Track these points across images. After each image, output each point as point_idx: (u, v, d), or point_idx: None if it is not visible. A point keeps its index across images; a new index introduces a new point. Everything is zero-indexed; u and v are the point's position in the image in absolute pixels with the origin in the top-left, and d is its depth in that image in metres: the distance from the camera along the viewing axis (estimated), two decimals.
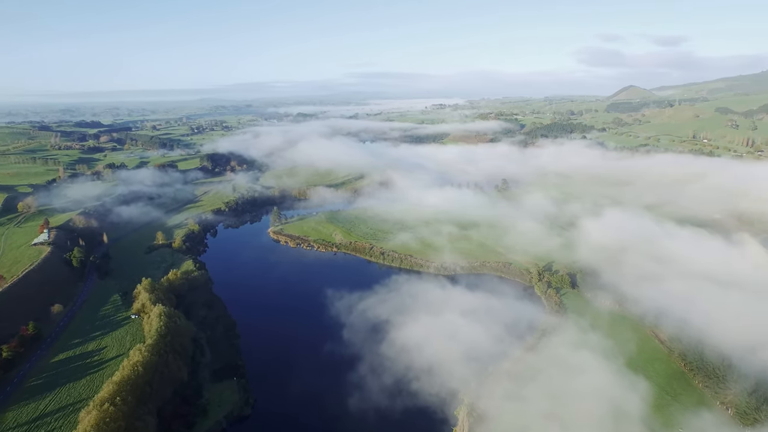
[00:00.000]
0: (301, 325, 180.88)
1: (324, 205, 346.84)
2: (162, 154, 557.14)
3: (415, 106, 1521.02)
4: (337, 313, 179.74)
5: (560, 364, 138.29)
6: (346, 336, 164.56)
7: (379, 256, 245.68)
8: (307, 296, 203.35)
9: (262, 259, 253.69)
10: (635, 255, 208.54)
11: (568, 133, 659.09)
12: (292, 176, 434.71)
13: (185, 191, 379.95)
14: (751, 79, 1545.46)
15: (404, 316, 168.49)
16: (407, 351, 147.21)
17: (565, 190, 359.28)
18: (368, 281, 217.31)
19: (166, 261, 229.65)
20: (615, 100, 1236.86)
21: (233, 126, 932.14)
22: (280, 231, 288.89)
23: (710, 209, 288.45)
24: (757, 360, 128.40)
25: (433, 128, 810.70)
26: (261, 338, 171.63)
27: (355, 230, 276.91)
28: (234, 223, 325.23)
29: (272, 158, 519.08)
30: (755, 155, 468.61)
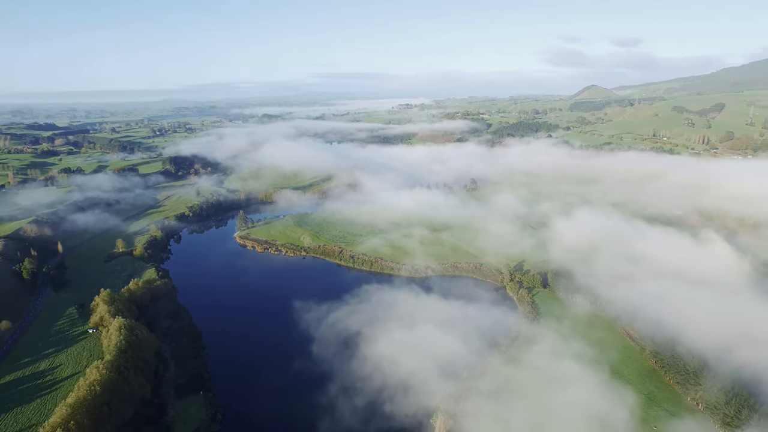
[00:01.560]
0: (270, 333, 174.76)
1: (291, 208, 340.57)
2: (122, 158, 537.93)
3: (381, 106, 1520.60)
4: (307, 321, 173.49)
5: (538, 372, 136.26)
6: (317, 345, 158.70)
7: (349, 260, 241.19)
8: (276, 303, 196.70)
9: (229, 265, 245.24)
10: (606, 254, 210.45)
11: (534, 132, 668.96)
12: (258, 179, 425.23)
13: (147, 196, 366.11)
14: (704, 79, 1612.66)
15: (376, 326, 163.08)
16: (379, 365, 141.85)
17: (534, 189, 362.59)
18: (338, 286, 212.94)
19: (127, 270, 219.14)
20: (578, 100, 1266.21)
21: (197, 128, 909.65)
22: (247, 235, 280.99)
23: (673, 206, 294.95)
24: (732, 359, 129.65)
25: (400, 128, 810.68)
26: (229, 349, 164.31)
27: (323, 233, 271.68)
28: (199, 228, 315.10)
29: (237, 160, 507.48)
30: (711, 153, 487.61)
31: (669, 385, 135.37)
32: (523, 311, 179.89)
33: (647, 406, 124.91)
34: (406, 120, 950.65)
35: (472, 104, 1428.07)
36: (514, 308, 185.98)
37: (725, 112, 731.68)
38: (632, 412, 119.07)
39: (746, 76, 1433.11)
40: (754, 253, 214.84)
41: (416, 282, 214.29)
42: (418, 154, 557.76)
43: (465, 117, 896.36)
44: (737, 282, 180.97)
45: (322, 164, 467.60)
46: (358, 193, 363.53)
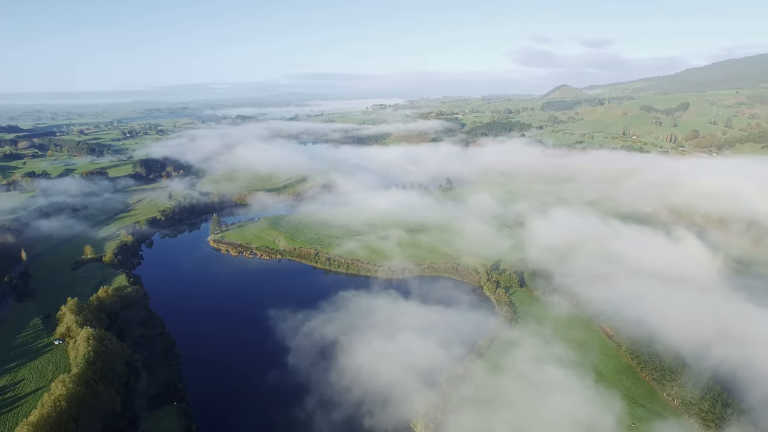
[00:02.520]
0: (246, 339, 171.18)
1: (266, 210, 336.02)
2: (90, 161, 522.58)
3: (356, 106, 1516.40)
4: (284, 328, 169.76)
5: (519, 376, 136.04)
6: (294, 352, 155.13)
7: (325, 262, 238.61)
8: (251, 308, 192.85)
9: (203, 270, 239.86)
10: (582, 253, 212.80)
11: (507, 131, 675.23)
12: (232, 181, 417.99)
13: (116, 200, 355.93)
14: (669, 79, 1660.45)
15: (353, 333, 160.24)
16: (358, 374, 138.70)
17: (510, 189, 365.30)
18: (315, 289, 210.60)
19: (96, 277, 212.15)
20: (549, 99, 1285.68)
21: (169, 129, 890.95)
22: (221, 239, 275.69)
23: (646, 204, 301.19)
24: (708, 356, 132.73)
25: (375, 129, 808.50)
26: (203, 357, 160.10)
27: (299, 236, 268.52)
28: (171, 232, 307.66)
29: (210, 163, 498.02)
30: (678, 151, 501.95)
31: (645, 382, 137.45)
32: (501, 312, 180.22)
33: (628, 406, 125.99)
34: (380, 120, 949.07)
35: (445, 104, 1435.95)
36: (493, 309, 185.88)
37: (690, 111, 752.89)
38: (618, 417, 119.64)
39: (708, 76, 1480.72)
40: (724, 250, 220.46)
41: (394, 284, 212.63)
42: (393, 154, 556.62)
43: (439, 117, 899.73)
44: (710, 279, 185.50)
45: (296, 165, 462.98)
46: (334, 195, 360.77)
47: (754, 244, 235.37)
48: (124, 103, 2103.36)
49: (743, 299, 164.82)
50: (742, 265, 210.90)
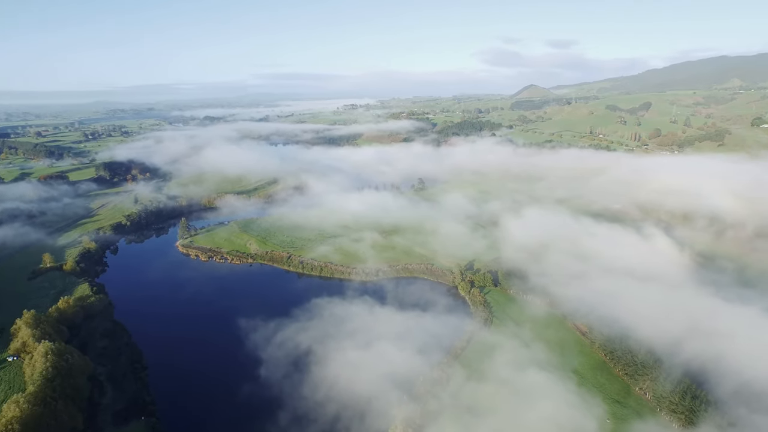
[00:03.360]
0: (218, 348, 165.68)
1: (236, 213, 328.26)
2: (49, 164, 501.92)
3: (327, 107, 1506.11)
4: (256, 335, 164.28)
5: (495, 377, 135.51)
6: (267, 360, 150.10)
7: (298, 266, 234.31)
8: (223, 314, 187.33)
9: (171, 277, 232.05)
10: (556, 252, 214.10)
11: (478, 130, 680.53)
12: (201, 184, 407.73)
13: (78, 205, 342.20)
14: (632, 79, 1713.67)
15: (328, 341, 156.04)
16: (333, 385, 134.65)
17: (482, 188, 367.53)
18: (288, 294, 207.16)
19: (56, 287, 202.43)
20: (518, 99, 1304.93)
21: (134, 131, 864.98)
22: (190, 244, 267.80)
23: (614, 201, 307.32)
24: (680, 352, 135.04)
25: (346, 129, 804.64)
26: (173, 368, 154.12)
27: (271, 239, 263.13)
28: (137, 238, 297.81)
29: (178, 165, 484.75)
30: (643, 149, 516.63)
31: (619, 377, 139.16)
32: (476, 312, 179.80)
33: (609, 407, 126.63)
34: (351, 120, 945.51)
35: (416, 104, 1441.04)
36: (469, 310, 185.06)
37: (652, 111, 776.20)
38: (600, 421, 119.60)
39: (667, 77, 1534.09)
40: (689, 245, 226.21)
41: (368, 287, 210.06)
42: (365, 155, 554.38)
43: (410, 117, 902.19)
44: (679, 275, 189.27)
45: (267, 167, 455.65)
46: (306, 197, 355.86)
47: (716, 239, 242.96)
48: (85, 104, 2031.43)
49: (711, 294, 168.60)
50: (706, 259, 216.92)
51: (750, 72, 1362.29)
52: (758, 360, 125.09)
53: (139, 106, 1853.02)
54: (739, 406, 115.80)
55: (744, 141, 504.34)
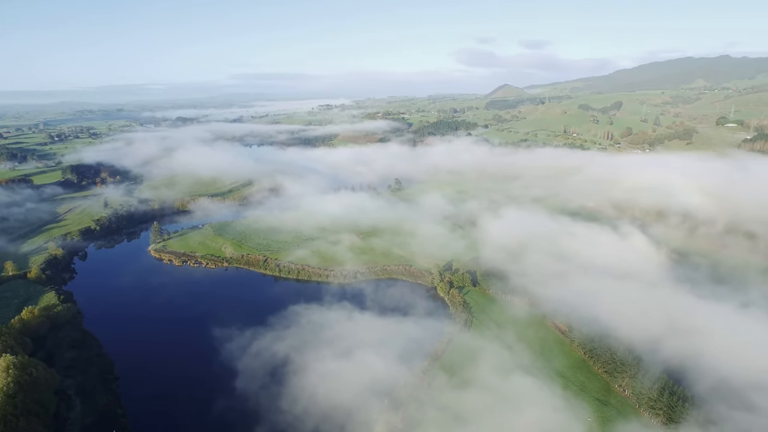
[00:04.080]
0: (193, 356, 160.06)
1: (210, 216, 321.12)
2: (11, 167, 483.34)
3: (302, 107, 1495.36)
4: (232, 343, 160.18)
5: (483, 388, 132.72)
6: (243, 370, 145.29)
7: (274, 269, 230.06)
8: (197, 321, 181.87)
9: (144, 282, 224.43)
10: (535, 251, 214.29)
11: (454, 130, 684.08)
12: (173, 187, 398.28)
13: (43, 210, 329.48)
14: (603, 79, 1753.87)
15: (306, 349, 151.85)
16: (312, 396, 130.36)
17: (459, 188, 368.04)
18: (264, 298, 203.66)
19: (19, 296, 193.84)
20: (493, 98, 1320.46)
21: (103, 132, 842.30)
22: (163, 248, 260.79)
23: (590, 199, 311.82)
24: (660, 350, 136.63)
25: (321, 129, 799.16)
26: (146, 378, 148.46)
27: (246, 242, 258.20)
28: (108, 243, 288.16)
29: (149, 167, 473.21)
30: (616, 148, 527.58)
31: (598, 375, 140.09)
32: (456, 313, 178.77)
33: (596, 409, 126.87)
34: (327, 121, 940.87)
35: (392, 104, 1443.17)
36: (448, 311, 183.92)
37: (623, 110, 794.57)
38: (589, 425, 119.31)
39: (637, 77, 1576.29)
40: (664, 243, 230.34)
41: (347, 291, 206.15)
42: (341, 155, 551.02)
43: (386, 117, 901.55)
44: (656, 273, 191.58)
45: (241, 169, 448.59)
46: (282, 198, 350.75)
47: (689, 236, 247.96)
48: (50, 104, 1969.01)
49: (687, 292, 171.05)
50: (681, 256, 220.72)
51: (713, 73, 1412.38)
52: (735, 357, 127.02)
53: (108, 107, 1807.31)
54: (718, 403, 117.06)
55: (710, 140, 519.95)
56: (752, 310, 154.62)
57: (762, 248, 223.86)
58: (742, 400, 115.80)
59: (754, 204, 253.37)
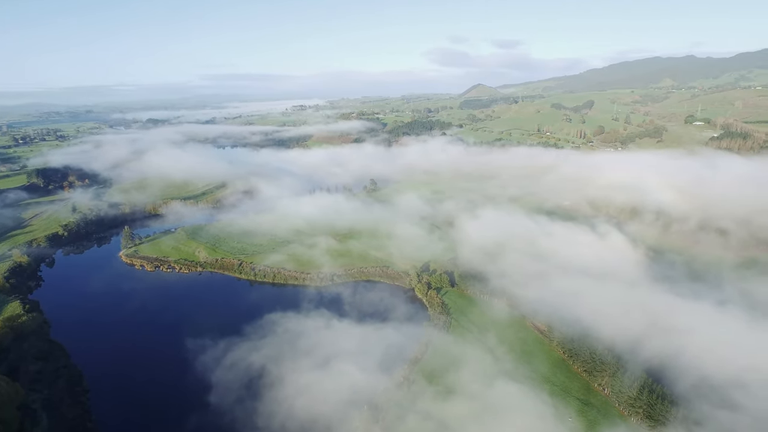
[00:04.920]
0: (165, 365, 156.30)
1: (183, 220, 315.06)
2: None
3: (275, 108, 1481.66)
4: (206, 350, 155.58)
5: (466, 395, 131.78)
6: (217, 382, 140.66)
7: (250, 273, 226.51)
8: (170, 328, 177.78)
9: (115, 289, 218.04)
10: (513, 251, 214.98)
11: (428, 130, 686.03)
12: (144, 190, 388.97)
13: (6, 216, 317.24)
14: (574, 78, 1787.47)
15: (283, 360, 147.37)
16: (290, 410, 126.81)
17: (436, 188, 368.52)
18: (239, 303, 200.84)
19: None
20: (467, 98, 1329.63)
21: (70, 135, 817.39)
22: (134, 253, 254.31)
23: (565, 198, 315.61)
24: (641, 349, 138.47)
25: (296, 130, 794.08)
26: (118, 389, 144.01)
27: (221, 246, 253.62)
28: (77, 249, 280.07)
29: (119, 170, 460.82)
30: (588, 146, 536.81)
31: (578, 374, 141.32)
32: (434, 315, 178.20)
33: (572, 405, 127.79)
34: (301, 122, 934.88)
35: (366, 104, 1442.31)
36: (427, 313, 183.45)
37: (595, 109, 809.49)
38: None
39: (607, 76, 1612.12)
40: (640, 240, 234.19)
41: (324, 295, 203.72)
42: (316, 156, 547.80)
43: (360, 117, 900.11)
44: (635, 272, 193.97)
45: (214, 171, 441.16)
46: (256, 201, 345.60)
47: (663, 233, 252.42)
48: (15, 106, 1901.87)
49: (665, 291, 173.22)
50: (657, 253, 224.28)
51: (680, 72, 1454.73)
52: (714, 355, 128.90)
53: (76, 109, 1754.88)
54: (701, 402, 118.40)
55: (680, 138, 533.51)
56: (729, 308, 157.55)
57: (733, 244, 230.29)
58: (724, 399, 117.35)
59: (724, 201, 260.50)
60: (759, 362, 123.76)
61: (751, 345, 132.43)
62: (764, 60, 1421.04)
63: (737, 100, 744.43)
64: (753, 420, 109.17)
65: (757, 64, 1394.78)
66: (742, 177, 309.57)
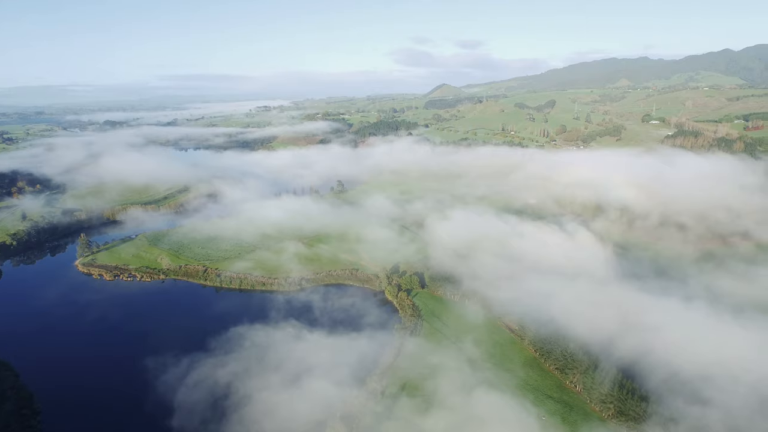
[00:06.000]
0: (125, 380, 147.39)
1: (144, 226, 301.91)
2: None
3: (239, 109, 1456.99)
4: (169, 365, 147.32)
5: (437, 391, 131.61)
6: (181, 397, 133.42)
7: (215, 279, 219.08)
8: (131, 341, 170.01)
9: (70, 301, 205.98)
10: (483, 251, 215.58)
11: (394, 130, 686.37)
12: (101, 195, 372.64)
13: None
14: (536, 78, 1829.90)
15: (251, 378, 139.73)
16: (258, 426, 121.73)
17: (403, 188, 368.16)
18: (205, 312, 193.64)
19: None
20: (432, 98, 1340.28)
21: (20, 138, 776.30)
22: (92, 262, 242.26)
23: (531, 196, 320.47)
24: (614, 347, 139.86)
25: (260, 132, 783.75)
26: (73, 409, 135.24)
27: (184, 252, 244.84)
28: (27, 259, 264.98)
29: (73, 175, 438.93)
30: (552, 145, 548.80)
31: (550, 372, 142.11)
32: (405, 317, 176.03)
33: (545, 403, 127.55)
34: (265, 123, 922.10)
35: (331, 104, 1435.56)
36: (398, 316, 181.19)
37: (556, 108, 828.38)
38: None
39: (567, 77, 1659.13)
40: (606, 237, 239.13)
41: (293, 302, 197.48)
42: (282, 158, 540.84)
43: (326, 118, 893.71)
44: (604, 270, 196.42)
45: (176, 174, 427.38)
46: (220, 205, 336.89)
47: (627, 229, 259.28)
48: None
49: (634, 287, 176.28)
50: (623, 249, 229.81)
51: (635, 73, 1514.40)
52: (683, 350, 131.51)
53: (26, 110, 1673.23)
54: (671, 397, 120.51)
55: (638, 135, 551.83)
56: (695, 303, 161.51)
57: (692, 239, 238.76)
58: (695, 394, 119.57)
59: (682, 197, 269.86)
60: (724, 357, 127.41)
61: (717, 340, 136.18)
62: (710, 63, 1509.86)
63: (687, 100, 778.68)
64: (724, 415, 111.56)
65: (703, 66, 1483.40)
66: (697, 174, 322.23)
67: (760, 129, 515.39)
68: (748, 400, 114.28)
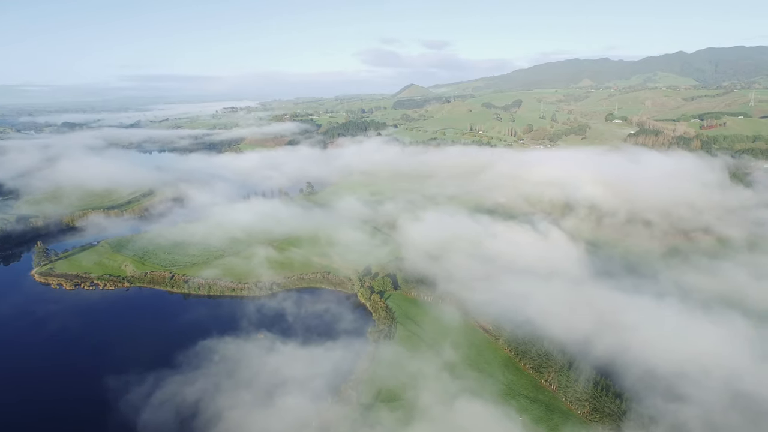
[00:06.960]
0: (85, 400, 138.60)
1: (106, 232, 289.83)
2: None
3: (205, 110, 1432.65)
4: (134, 383, 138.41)
5: (412, 392, 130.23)
6: (146, 416, 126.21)
7: (183, 286, 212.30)
8: (93, 355, 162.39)
9: (26, 313, 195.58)
10: (456, 252, 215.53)
11: (363, 130, 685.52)
12: (59, 200, 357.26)
13: None
14: (502, 78, 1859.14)
15: (221, 396, 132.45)
16: None
17: (374, 189, 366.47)
18: (171, 320, 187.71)
19: None
20: (400, 98, 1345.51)
21: None
22: (50, 271, 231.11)
23: (501, 195, 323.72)
24: (588, 346, 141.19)
25: (227, 134, 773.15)
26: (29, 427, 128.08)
27: (150, 259, 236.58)
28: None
29: (28, 180, 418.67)
30: (519, 144, 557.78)
31: (525, 371, 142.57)
32: (379, 320, 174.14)
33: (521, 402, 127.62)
34: (232, 124, 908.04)
35: (299, 105, 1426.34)
36: (371, 318, 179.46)
37: (523, 108, 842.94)
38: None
39: (532, 77, 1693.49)
40: (577, 235, 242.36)
41: (264, 308, 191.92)
42: (250, 160, 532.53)
43: (294, 119, 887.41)
44: (576, 267, 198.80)
45: (140, 178, 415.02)
46: (187, 209, 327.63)
47: (596, 227, 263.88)
48: None
49: (606, 285, 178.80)
50: (594, 247, 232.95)
51: (597, 73, 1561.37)
52: (657, 347, 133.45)
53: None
54: (648, 394, 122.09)
55: (602, 134, 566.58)
56: (667, 300, 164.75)
57: (657, 235, 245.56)
58: (670, 390, 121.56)
59: (647, 194, 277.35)
60: (696, 352, 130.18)
61: (689, 336, 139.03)
62: (665, 64, 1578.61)
63: (647, 99, 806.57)
64: (702, 411, 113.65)
65: (660, 67, 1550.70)
66: (660, 171, 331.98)
67: (714, 128, 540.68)
68: (722, 395, 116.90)
